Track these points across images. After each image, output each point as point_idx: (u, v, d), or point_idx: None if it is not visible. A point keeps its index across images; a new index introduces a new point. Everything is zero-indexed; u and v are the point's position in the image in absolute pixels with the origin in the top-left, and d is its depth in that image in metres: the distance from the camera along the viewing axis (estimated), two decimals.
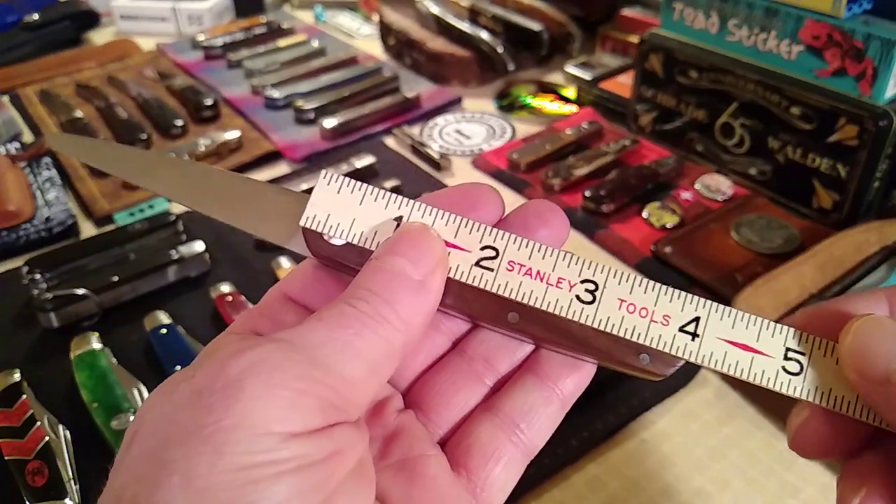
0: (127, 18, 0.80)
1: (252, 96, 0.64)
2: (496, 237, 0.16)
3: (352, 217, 0.16)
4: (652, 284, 0.16)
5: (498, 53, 0.63)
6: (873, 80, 0.40)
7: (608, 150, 0.51)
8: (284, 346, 0.13)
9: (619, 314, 0.16)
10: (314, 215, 0.16)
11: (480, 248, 0.16)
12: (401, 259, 0.15)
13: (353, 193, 0.17)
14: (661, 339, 0.16)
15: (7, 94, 0.66)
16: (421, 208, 0.16)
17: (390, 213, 0.16)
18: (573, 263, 0.16)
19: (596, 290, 0.16)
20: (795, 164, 0.45)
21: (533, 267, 0.16)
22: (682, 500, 0.30)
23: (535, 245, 0.16)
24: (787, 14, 0.42)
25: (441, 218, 0.16)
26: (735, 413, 0.33)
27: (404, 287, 0.14)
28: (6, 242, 0.46)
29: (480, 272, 0.16)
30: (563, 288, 0.16)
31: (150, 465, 0.12)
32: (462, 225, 0.16)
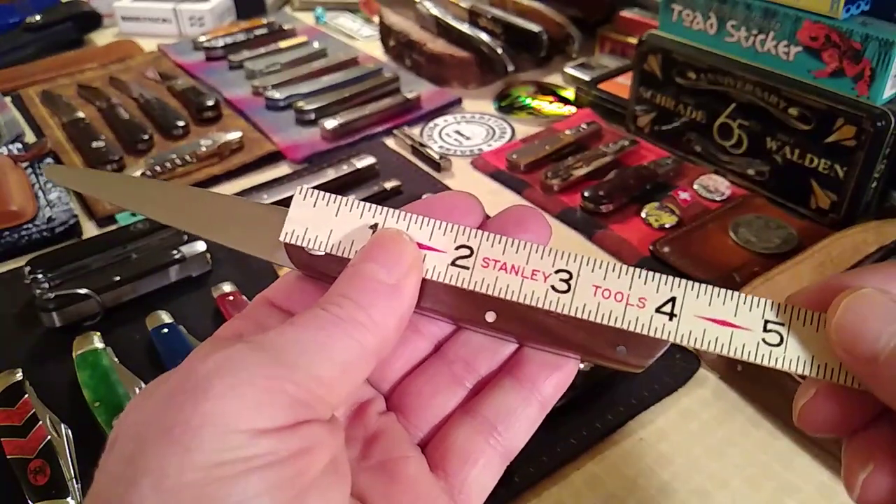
0: (129, 20, 0.81)
1: (253, 97, 0.64)
2: (469, 236, 0.17)
3: (329, 228, 0.17)
4: (625, 269, 0.16)
5: (497, 55, 0.63)
6: (871, 81, 0.40)
7: (607, 150, 0.51)
8: (253, 346, 0.13)
9: (595, 300, 0.16)
10: (293, 230, 0.17)
11: (455, 248, 0.17)
12: (373, 264, 0.15)
13: (329, 206, 0.17)
14: (639, 322, 0.16)
15: (9, 95, 0.67)
16: (395, 214, 0.17)
17: (365, 221, 0.17)
18: (546, 255, 0.16)
19: (570, 279, 0.16)
20: (793, 164, 0.45)
21: (507, 262, 0.16)
22: (680, 498, 0.30)
23: (507, 241, 0.17)
24: (785, 15, 0.43)
25: (415, 222, 0.17)
26: (733, 412, 0.33)
27: (377, 291, 0.15)
28: (8, 242, 0.46)
29: (457, 271, 0.16)
30: (539, 279, 0.16)
31: (126, 466, 0.12)
32: (436, 227, 0.17)
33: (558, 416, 0.32)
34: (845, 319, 0.14)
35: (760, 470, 0.31)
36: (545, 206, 0.48)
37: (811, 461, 0.31)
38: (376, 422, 0.17)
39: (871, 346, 0.14)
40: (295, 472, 0.12)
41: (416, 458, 0.16)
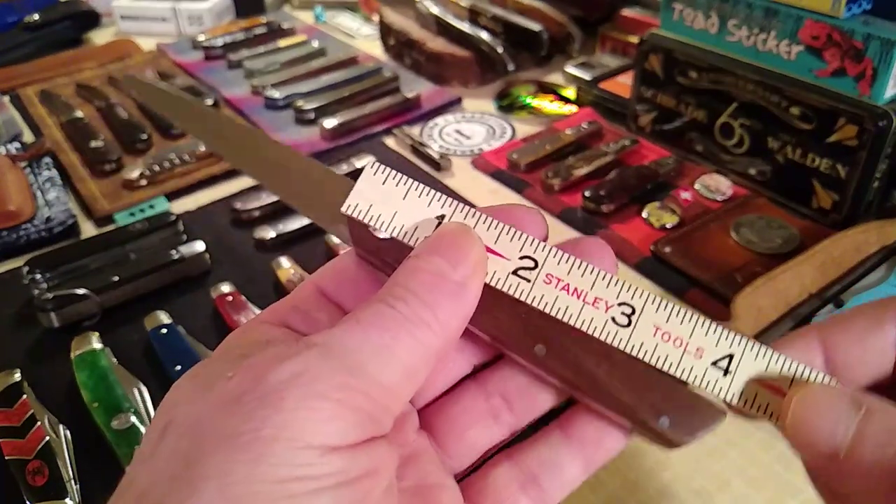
0: (127, 19, 0.80)
1: (252, 96, 0.64)
2: (536, 248, 0.16)
3: (394, 210, 0.16)
4: (690, 314, 0.16)
5: (498, 54, 0.63)
6: (873, 81, 0.40)
7: (608, 150, 0.51)
8: (323, 352, 0.13)
9: (654, 341, 0.16)
10: (356, 204, 0.16)
11: (519, 258, 0.16)
12: (440, 259, 0.14)
13: (398, 187, 0.16)
14: (692, 373, 0.15)
15: (7, 95, 0.66)
16: (464, 210, 0.16)
17: (433, 210, 0.16)
18: (612, 284, 0.16)
19: (632, 315, 0.16)
20: (795, 164, 0.45)
21: (571, 283, 0.16)
22: (681, 499, 0.30)
23: (575, 261, 0.16)
24: (786, 14, 0.42)
25: (483, 222, 0.16)
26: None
27: (443, 289, 0.14)
28: (7, 242, 0.46)
29: (517, 281, 0.16)
30: (600, 308, 0.16)
31: (183, 466, 0.11)
32: (504, 231, 0.16)
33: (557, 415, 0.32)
34: (799, 421, 0.14)
35: (762, 471, 0.31)
36: (546, 205, 0.48)
37: None
38: (413, 442, 0.16)
39: (828, 444, 0.13)
40: (362, 494, 0.12)
41: (452, 490, 0.16)
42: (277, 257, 0.42)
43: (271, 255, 0.42)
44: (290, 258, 0.42)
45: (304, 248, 0.44)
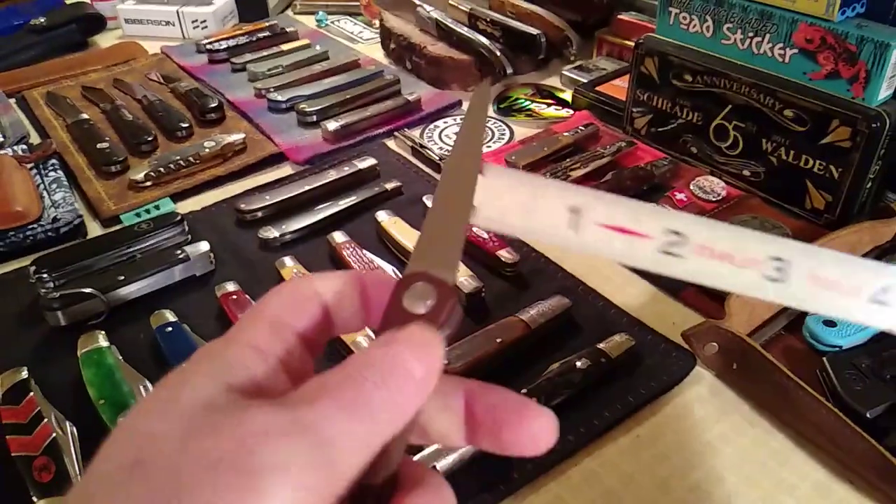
0: (132, 22, 0.81)
1: (256, 99, 0.65)
2: (681, 220, 0.15)
3: (526, 212, 0.16)
4: (837, 255, 0.15)
5: (496, 57, 0.63)
6: (866, 83, 0.40)
7: (604, 152, 0.52)
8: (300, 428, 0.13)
9: (811, 291, 0.15)
10: (487, 215, 0.16)
11: (664, 234, 0.15)
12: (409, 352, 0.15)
13: (523, 187, 0.16)
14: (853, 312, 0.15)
15: (14, 97, 0.67)
16: (598, 196, 0.16)
17: (565, 204, 0.16)
18: (760, 241, 0.15)
19: (784, 267, 0.15)
20: (789, 165, 0.45)
21: (721, 248, 0.15)
22: (677, 495, 0.30)
23: (723, 226, 0.15)
24: (780, 18, 0.43)
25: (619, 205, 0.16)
26: (729, 410, 0.34)
27: (407, 380, 0.14)
28: (14, 242, 0.47)
29: (667, 259, 0.15)
30: (751, 268, 0.15)
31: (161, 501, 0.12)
32: (640, 209, 0.15)
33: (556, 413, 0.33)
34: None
35: (756, 467, 0.31)
36: None
37: (807, 458, 0.31)
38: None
39: None
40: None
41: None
42: (281, 257, 0.43)
43: (275, 255, 0.43)
44: (293, 258, 0.43)
45: (307, 247, 0.45)
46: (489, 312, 0.39)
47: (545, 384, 0.33)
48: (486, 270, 0.41)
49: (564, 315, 0.37)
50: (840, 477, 0.30)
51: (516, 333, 0.36)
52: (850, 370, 0.32)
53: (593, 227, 0.16)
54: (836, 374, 0.32)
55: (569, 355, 0.35)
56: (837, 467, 0.31)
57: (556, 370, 0.34)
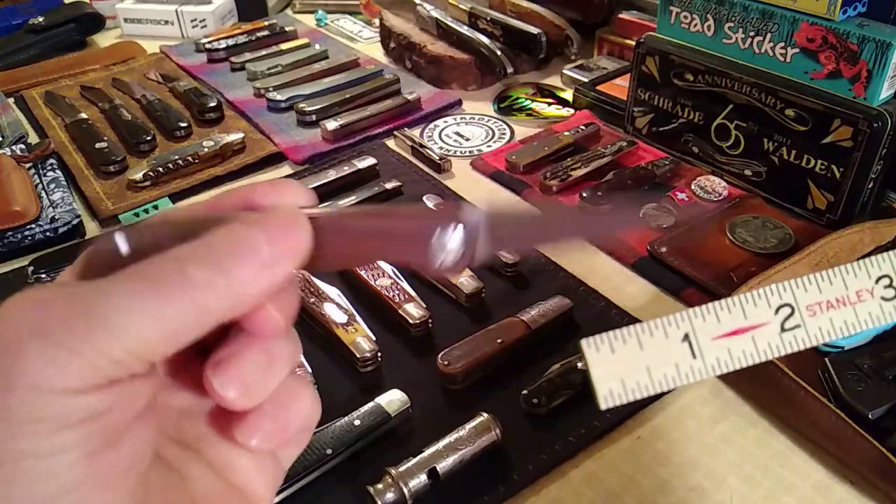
0: (131, 21, 0.81)
1: (255, 99, 0.65)
2: (781, 293, 0.16)
3: (645, 366, 0.15)
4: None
5: (497, 57, 0.63)
6: (868, 83, 0.40)
7: (605, 151, 0.52)
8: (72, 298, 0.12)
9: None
10: (610, 391, 0.15)
11: (775, 313, 0.15)
12: (259, 232, 0.14)
13: (627, 343, 0.16)
14: None
15: (12, 96, 0.67)
16: (698, 313, 0.15)
17: (675, 338, 0.16)
18: (858, 270, 0.16)
19: (893, 283, 0.15)
20: (790, 165, 0.45)
21: (830, 298, 0.15)
22: (677, 496, 0.30)
23: (818, 276, 0.16)
24: (782, 17, 0.43)
25: (721, 308, 0.15)
26: (730, 410, 0.34)
27: (248, 262, 0.13)
28: (12, 242, 0.46)
29: (791, 336, 0.15)
30: (866, 299, 0.15)
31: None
32: (744, 301, 0.15)
33: (557, 414, 0.33)
34: None
35: (757, 468, 0.31)
36: None
37: (807, 459, 0.31)
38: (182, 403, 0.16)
39: None
40: (108, 423, 0.13)
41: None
42: None
43: None
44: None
45: None
46: (489, 312, 0.39)
47: (546, 385, 0.33)
48: (486, 270, 0.41)
49: (565, 315, 0.37)
50: (841, 477, 0.30)
51: (517, 334, 0.36)
52: (852, 371, 0.32)
53: (710, 343, 0.15)
54: (837, 374, 0.32)
55: (569, 356, 0.34)
56: (838, 468, 0.31)
57: (557, 371, 0.34)
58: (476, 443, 0.30)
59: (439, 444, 0.30)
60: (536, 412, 0.33)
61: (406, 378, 0.35)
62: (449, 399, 0.34)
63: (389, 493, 0.28)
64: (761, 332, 0.15)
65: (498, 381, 0.35)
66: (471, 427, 0.31)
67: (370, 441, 0.32)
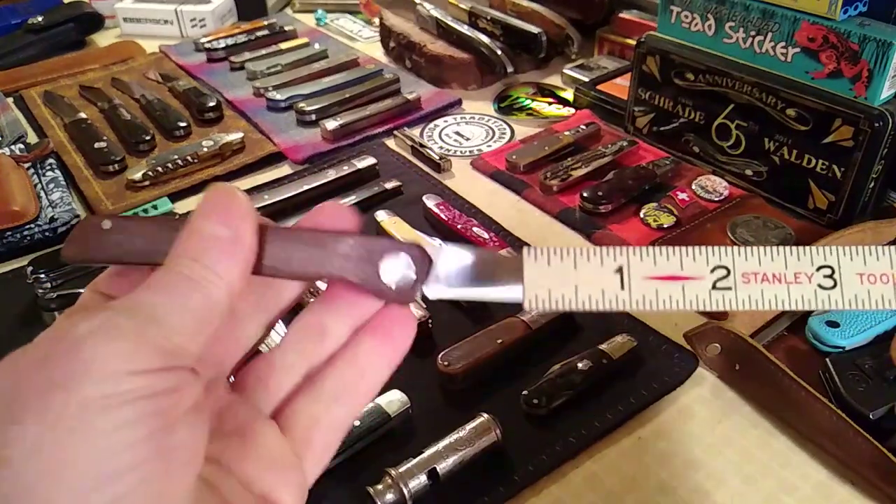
0: (130, 21, 0.81)
1: (254, 98, 0.64)
2: (721, 255, 0.16)
3: (573, 284, 0.16)
4: (882, 249, 0.16)
5: (497, 56, 0.63)
6: (869, 82, 0.40)
7: (606, 151, 0.52)
8: (117, 310, 0.15)
9: (864, 288, 0.16)
10: (535, 295, 0.16)
11: (711, 271, 0.16)
12: (209, 221, 0.16)
13: (564, 260, 0.16)
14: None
15: (11, 96, 0.67)
16: (637, 251, 0.16)
17: (609, 267, 0.16)
18: (802, 254, 0.16)
19: (834, 273, 0.16)
20: (791, 164, 0.45)
21: (767, 271, 0.16)
22: (678, 496, 0.30)
23: (760, 250, 0.16)
24: (783, 16, 0.43)
25: (660, 254, 0.16)
26: (731, 411, 0.33)
27: (219, 248, 0.16)
28: (11, 242, 0.46)
29: (720, 295, 0.16)
30: (803, 281, 0.16)
31: (3, 410, 0.13)
32: (684, 254, 0.16)
33: (557, 414, 0.33)
34: None
35: (758, 468, 0.31)
36: (544, 206, 0.48)
37: (808, 459, 0.31)
38: (227, 397, 0.18)
39: None
40: (166, 405, 0.14)
41: (265, 422, 0.18)
42: None
43: None
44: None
45: None
46: (490, 313, 0.39)
47: (546, 385, 0.33)
48: None
49: (566, 315, 0.37)
50: (842, 478, 0.30)
51: (517, 334, 0.36)
52: (852, 371, 0.32)
53: (641, 281, 0.16)
54: (838, 375, 0.32)
55: (570, 356, 0.34)
56: (839, 468, 0.30)
57: (558, 371, 0.34)
58: (476, 443, 0.30)
59: (439, 445, 0.30)
60: (537, 412, 0.33)
61: (406, 378, 0.34)
62: (449, 399, 0.34)
63: (389, 494, 0.28)
64: (693, 284, 0.16)
65: (498, 382, 0.35)
66: (471, 427, 0.31)
67: (370, 442, 0.31)
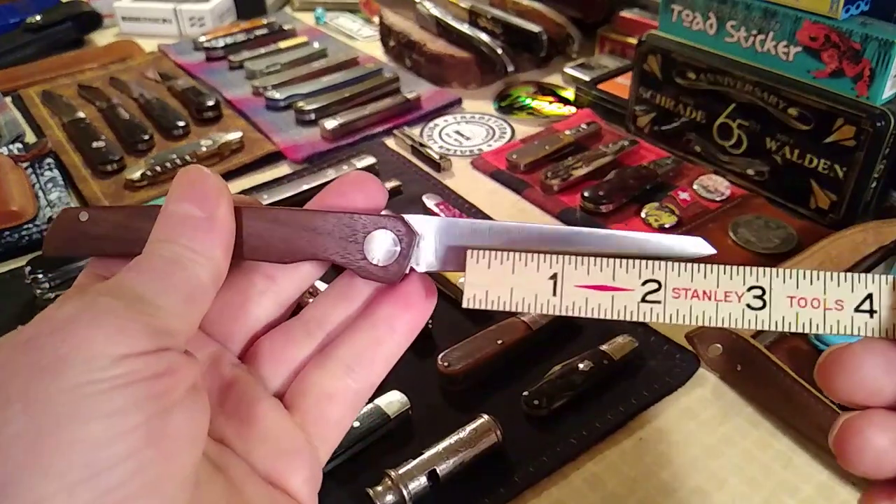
0: (129, 20, 0.81)
1: (253, 97, 0.64)
2: (654, 269, 0.17)
3: (509, 287, 0.17)
4: (816, 274, 0.16)
5: (497, 55, 0.63)
6: (871, 81, 0.40)
7: (607, 150, 0.51)
8: (102, 290, 0.14)
9: (793, 311, 0.16)
10: (474, 294, 0.17)
11: (642, 284, 0.17)
12: (184, 204, 0.16)
13: (503, 264, 0.17)
14: (840, 325, 0.16)
15: (9, 95, 0.67)
16: (572, 261, 0.17)
17: (544, 273, 0.17)
18: (735, 274, 0.16)
19: (764, 294, 0.16)
20: (793, 164, 0.45)
21: (698, 288, 0.16)
22: (679, 498, 0.30)
23: (693, 267, 0.17)
24: (784, 15, 0.43)
25: (595, 264, 0.17)
26: (732, 412, 0.33)
27: (195, 227, 0.16)
28: (9, 242, 0.46)
29: (649, 307, 0.17)
30: (733, 300, 0.16)
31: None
32: (618, 266, 0.17)
33: (558, 415, 0.33)
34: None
35: (759, 469, 0.31)
36: (545, 205, 0.48)
37: (810, 461, 0.31)
38: (230, 372, 0.18)
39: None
40: (160, 390, 0.13)
41: (269, 400, 0.17)
42: None
43: None
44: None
45: None
46: (490, 313, 0.39)
47: (547, 386, 0.33)
48: None
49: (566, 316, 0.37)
50: (843, 479, 0.30)
51: (518, 334, 0.36)
52: None
53: (573, 288, 0.17)
54: None
55: (571, 357, 0.34)
56: (841, 469, 0.30)
57: (558, 372, 0.34)
58: (476, 444, 0.30)
59: (439, 446, 0.30)
60: (537, 413, 0.32)
61: (406, 379, 0.34)
62: (449, 400, 0.34)
63: (389, 496, 0.28)
64: (623, 295, 0.17)
65: (498, 383, 0.34)
66: (471, 429, 0.30)
67: (370, 443, 0.31)
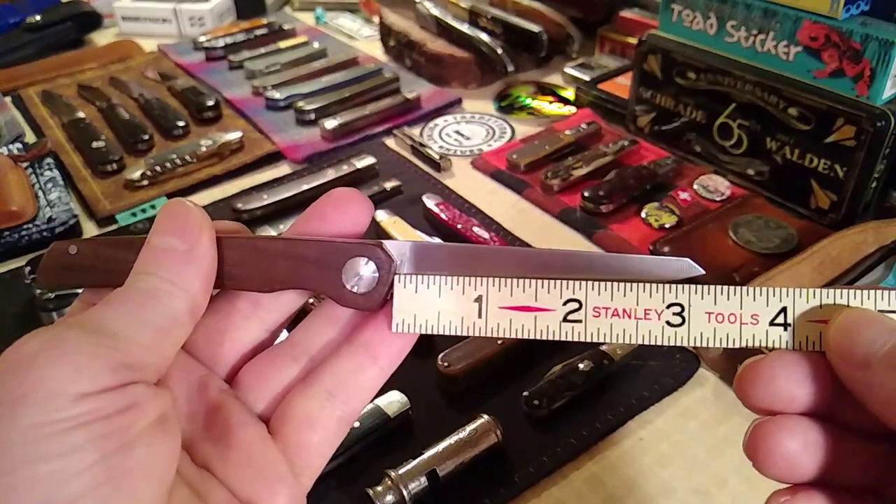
0: (129, 20, 0.81)
1: (253, 97, 0.64)
2: (574, 289, 0.17)
3: (437, 311, 0.17)
4: (732, 290, 0.17)
5: (497, 55, 0.63)
6: (871, 81, 0.40)
7: (607, 150, 0.51)
8: (71, 325, 0.14)
9: (711, 326, 0.17)
10: (402, 320, 0.18)
11: (563, 304, 0.17)
12: (166, 237, 0.16)
13: (430, 289, 0.18)
14: (756, 338, 0.16)
15: (9, 95, 0.67)
16: (496, 282, 0.17)
17: (469, 296, 0.17)
18: (654, 292, 0.17)
19: (683, 311, 0.17)
20: (793, 164, 0.45)
21: (618, 307, 0.17)
22: (679, 498, 0.30)
23: (614, 286, 0.17)
24: (785, 15, 0.43)
25: (517, 286, 0.17)
26: (732, 412, 0.33)
27: (175, 260, 0.16)
28: (8, 242, 0.46)
29: (570, 326, 0.17)
30: (652, 318, 0.17)
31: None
32: (539, 286, 0.17)
33: (558, 415, 0.32)
34: (844, 327, 0.15)
35: None
36: (545, 205, 0.48)
37: None
38: (217, 396, 0.18)
39: (865, 351, 0.15)
40: (120, 426, 0.13)
41: (254, 425, 0.17)
42: None
43: None
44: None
45: None
46: None
47: (547, 386, 0.33)
48: None
49: None
50: None
51: None
52: None
53: (497, 310, 0.17)
54: None
55: (571, 357, 0.34)
56: None
57: (559, 372, 0.33)
58: (476, 445, 0.30)
59: (439, 447, 0.30)
60: (537, 414, 0.32)
61: (406, 379, 0.34)
62: (449, 401, 0.34)
63: (389, 496, 0.28)
64: (545, 315, 0.17)
65: (498, 383, 0.34)
66: (471, 429, 0.30)
67: (369, 443, 0.31)
